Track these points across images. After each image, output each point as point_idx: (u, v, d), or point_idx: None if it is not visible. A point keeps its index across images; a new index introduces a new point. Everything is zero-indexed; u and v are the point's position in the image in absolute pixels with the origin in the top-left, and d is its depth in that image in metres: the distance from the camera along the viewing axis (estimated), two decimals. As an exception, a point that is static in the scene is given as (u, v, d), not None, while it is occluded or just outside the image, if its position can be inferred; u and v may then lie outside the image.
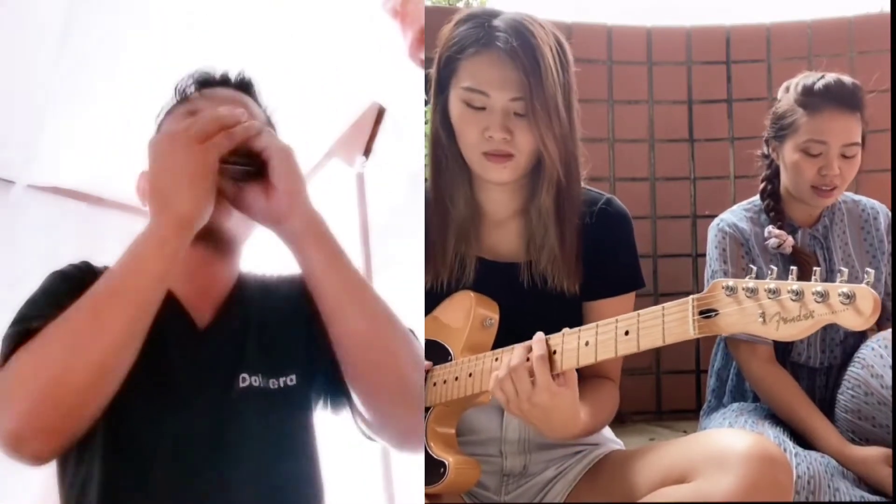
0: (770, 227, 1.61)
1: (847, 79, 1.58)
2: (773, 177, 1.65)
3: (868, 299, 0.92)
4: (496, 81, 1.20)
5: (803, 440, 1.52)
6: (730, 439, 1.11)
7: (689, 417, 2.20)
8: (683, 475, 1.10)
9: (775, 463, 1.07)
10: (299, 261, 1.06)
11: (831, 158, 1.54)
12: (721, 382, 1.72)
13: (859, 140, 1.56)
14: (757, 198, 1.67)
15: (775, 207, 1.63)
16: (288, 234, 1.05)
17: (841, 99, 1.54)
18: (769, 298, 0.97)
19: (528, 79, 1.18)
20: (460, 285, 1.30)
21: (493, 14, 1.22)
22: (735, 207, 1.69)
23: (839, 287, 0.93)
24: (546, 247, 1.27)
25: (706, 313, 1.01)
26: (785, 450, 1.41)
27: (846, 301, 0.92)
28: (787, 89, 1.61)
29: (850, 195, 1.68)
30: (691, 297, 1.03)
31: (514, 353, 1.14)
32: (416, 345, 1.11)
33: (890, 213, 1.67)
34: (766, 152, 1.67)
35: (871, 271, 0.95)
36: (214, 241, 1.12)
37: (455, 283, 1.30)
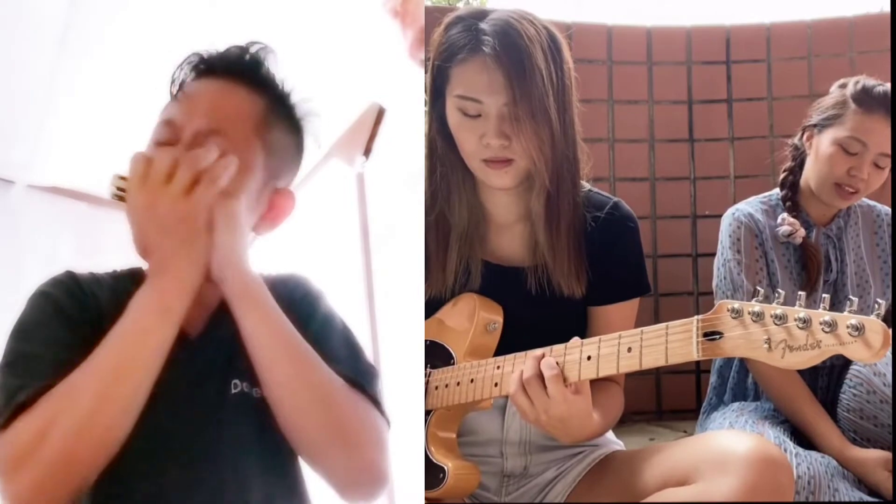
0: (784, 214, 1.61)
1: None
2: (797, 168, 1.65)
3: (878, 333, 0.90)
4: (486, 87, 1.18)
5: (804, 440, 1.53)
6: (731, 441, 1.11)
7: (689, 417, 2.20)
8: (685, 477, 1.10)
9: (777, 465, 1.07)
10: (238, 324, 1.02)
11: (865, 161, 1.55)
12: (723, 380, 1.72)
13: (889, 152, 1.56)
14: (775, 191, 1.67)
15: (792, 198, 1.63)
16: (225, 295, 1.02)
17: (891, 107, 1.55)
18: (776, 325, 0.95)
19: (511, 84, 1.16)
20: (466, 289, 1.29)
21: (482, 15, 1.20)
22: (752, 199, 1.68)
23: (848, 318, 0.91)
24: (539, 252, 1.26)
25: (710, 335, 1.00)
26: (785, 450, 1.41)
27: (855, 333, 0.91)
28: (845, 85, 1.61)
29: (866, 200, 1.69)
30: (696, 318, 1.02)
31: (526, 365, 1.13)
32: (374, 420, 1.06)
33: (891, 214, 1.67)
34: (796, 143, 1.66)
35: (855, 300, 0.93)
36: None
37: (461, 288, 1.29)
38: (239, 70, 1.14)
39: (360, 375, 1.08)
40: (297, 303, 1.13)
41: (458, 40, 1.20)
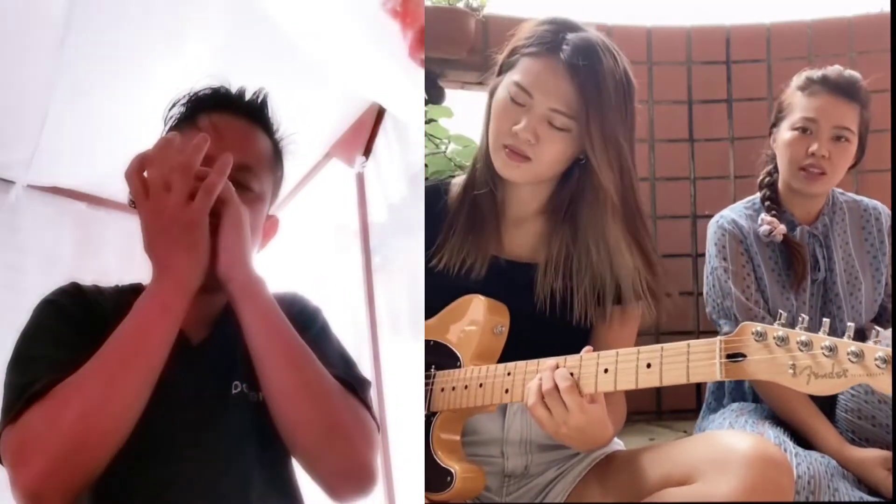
0: (763, 215, 1.63)
1: (848, 72, 1.63)
2: (774, 170, 1.68)
3: None
4: (544, 87, 1.21)
5: (804, 440, 1.53)
6: (731, 441, 1.12)
7: (689, 417, 2.19)
8: (685, 477, 1.11)
9: (777, 465, 1.07)
10: (240, 322, 1.06)
11: (822, 138, 1.58)
12: (720, 384, 1.72)
13: (853, 127, 1.59)
14: (758, 196, 1.68)
15: (771, 197, 1.66)
16: (229, 295, 1.06)
17: (837, 86, 1.60)
18: (801, 351, 0.96)
19: (584, 101, 1.20)
20: (470, 277, 1.29)
21: (572, 27, 1.24)
22: (736, 205, 1.70)
23: (876, 350, 0.92)
24: (550, 252, 1.26)
25: (733, 356, 1.01)
26: (785, 450, 1.41)
27: (882, 365, 0.91)
28: (791, 82, 1.66)
29: (852, 195, 1.70)
30: (718, 338, 1.02)
31: (543, 377, 1.13)
32: (367, 420, 1.09)
33: (891, 214, 1.68)
34: (769, 152, 1.69)
35: (881, 330, 0.93)
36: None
37: (466, 274, 1.29)
38: (256, 112, 1.23)
39: (353, 381, 1.11)
40: (296, 316, 1.15)
41: (544, 37, 1.24)
